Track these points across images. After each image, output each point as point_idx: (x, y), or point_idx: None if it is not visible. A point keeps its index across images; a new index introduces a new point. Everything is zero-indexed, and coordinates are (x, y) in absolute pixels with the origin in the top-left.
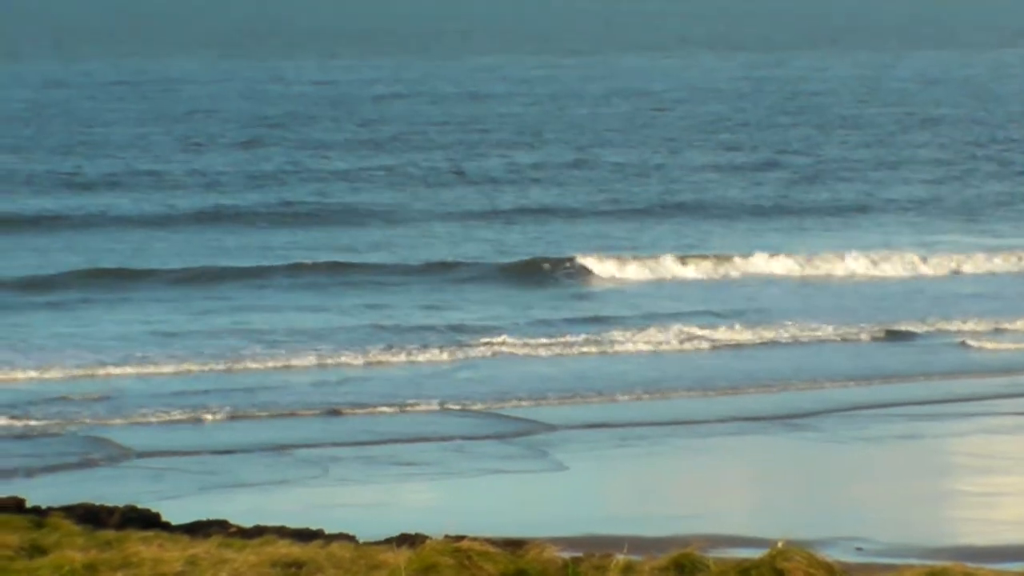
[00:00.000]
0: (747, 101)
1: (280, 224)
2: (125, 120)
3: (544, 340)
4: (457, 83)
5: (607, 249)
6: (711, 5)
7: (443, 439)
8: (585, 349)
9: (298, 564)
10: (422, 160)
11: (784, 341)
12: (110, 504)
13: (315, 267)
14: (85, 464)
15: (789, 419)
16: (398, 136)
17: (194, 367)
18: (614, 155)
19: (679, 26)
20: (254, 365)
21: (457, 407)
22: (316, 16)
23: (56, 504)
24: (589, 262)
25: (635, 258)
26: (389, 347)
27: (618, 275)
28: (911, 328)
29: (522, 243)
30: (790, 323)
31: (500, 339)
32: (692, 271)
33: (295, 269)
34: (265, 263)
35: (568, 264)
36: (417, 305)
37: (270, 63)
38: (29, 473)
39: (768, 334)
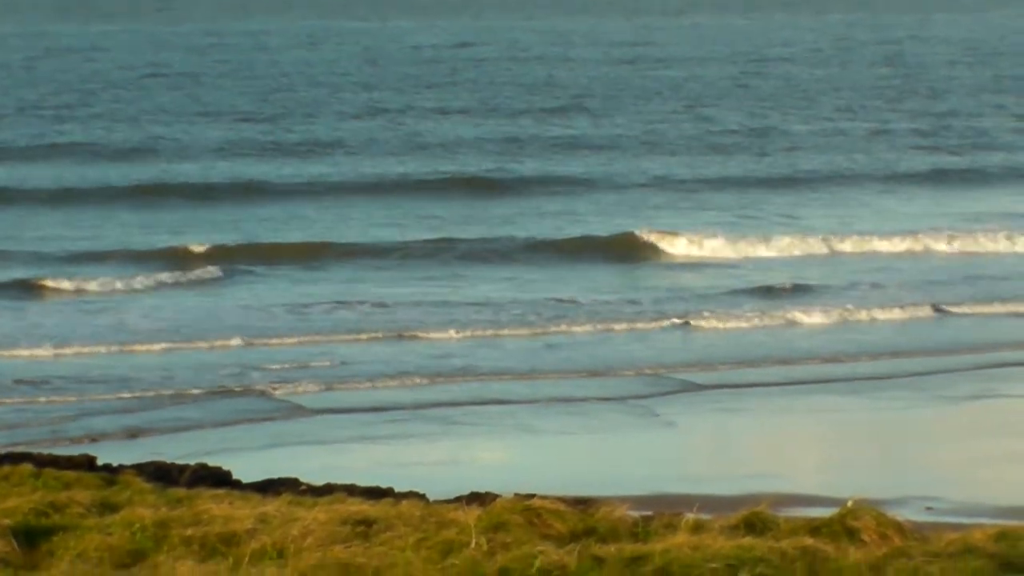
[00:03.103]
0: (850, 64)
1: (410, 194)
2: (235, 82)
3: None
4: (540, 45)
5: (744, 221)
6: None
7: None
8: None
9: (368, 521)
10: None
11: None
12: (181, 462)
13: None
14: (261, 420)
15: (859, 380)
16: (483, 99)
17: (381, 334)
18: (741, 120)
19: None
20: (434, 335)
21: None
22: None
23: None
24: (712, 239)
25: (780, 231)
26: (549, 317)
27: (749, 253)
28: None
29: (634, 215)
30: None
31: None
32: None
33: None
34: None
35: (683, 238)
36: (554, 279)
37: (373, 24)
38: (132, 434)
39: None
